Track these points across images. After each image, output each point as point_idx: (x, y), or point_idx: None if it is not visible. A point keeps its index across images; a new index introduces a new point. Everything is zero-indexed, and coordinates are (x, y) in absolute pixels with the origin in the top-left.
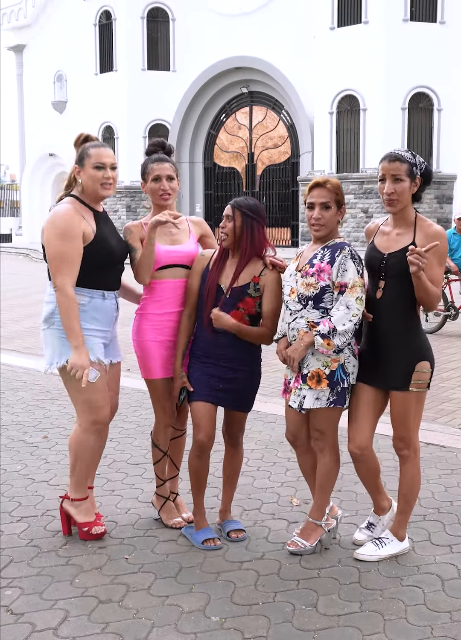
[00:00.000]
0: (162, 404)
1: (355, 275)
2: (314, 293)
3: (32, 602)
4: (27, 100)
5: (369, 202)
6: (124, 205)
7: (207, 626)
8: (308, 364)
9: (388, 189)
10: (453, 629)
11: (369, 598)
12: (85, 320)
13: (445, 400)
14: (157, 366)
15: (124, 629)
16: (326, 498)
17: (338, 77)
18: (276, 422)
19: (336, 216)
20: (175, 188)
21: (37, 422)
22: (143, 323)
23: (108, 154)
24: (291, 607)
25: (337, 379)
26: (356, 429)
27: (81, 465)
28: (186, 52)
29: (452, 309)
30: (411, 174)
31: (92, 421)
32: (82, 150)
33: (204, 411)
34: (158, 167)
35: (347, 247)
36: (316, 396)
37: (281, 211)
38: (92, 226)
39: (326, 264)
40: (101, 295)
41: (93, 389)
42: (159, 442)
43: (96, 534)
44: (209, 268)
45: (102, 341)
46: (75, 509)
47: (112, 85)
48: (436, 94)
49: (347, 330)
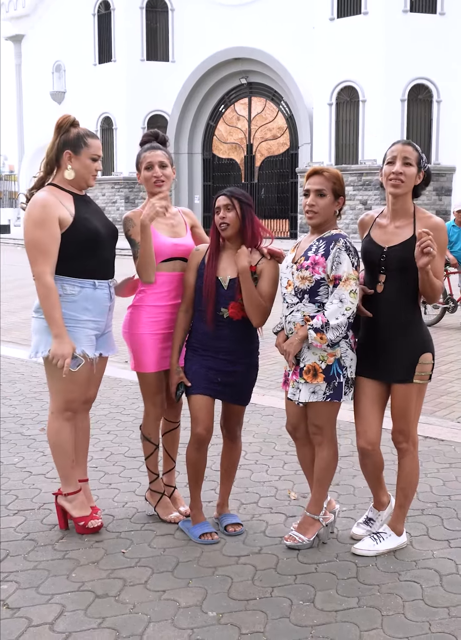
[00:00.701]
0: (153, 397)
1: (349, 268)
2: (309, 286)
3: (28, 597)
4: (26, 90)
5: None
6: (123, 197)
7: (204, 621)
8: (304, 358)
9: (398, 168)
10: (451, 624)
11: (367, 593)
12: (76, 311)
13: (444, 394)
14: (151, 359)
15: (120, 623)
16: (323, 492)
17: (337, 68)
18: (273, 415)
19: (333, 206)
20: (169, 175)
21: (35, 415)
22: (139, 315)
23: (100, 146)
24: (288, 603)
25: (333, 373)
26: (365, 424)
27: (61, 456)
28: (185, 42)
29: (451, 301)
30: (419, 164)
31: (61, 408)
32: (78, 137)
33: (202, 404)
34: (150, 154)
35: (342, 238)
36: (313, 390)
37: (280, 203)
38: (70, 210)
39: (321, 256)
40: (92, 284)
41: (72, 381)
42: (151, 435)
43: (92, 528)
44: (205, 263)
45: (93, 332)
46: (69, 503)
47: (111, 76)
48: (435, 85)
49: (340, 324)
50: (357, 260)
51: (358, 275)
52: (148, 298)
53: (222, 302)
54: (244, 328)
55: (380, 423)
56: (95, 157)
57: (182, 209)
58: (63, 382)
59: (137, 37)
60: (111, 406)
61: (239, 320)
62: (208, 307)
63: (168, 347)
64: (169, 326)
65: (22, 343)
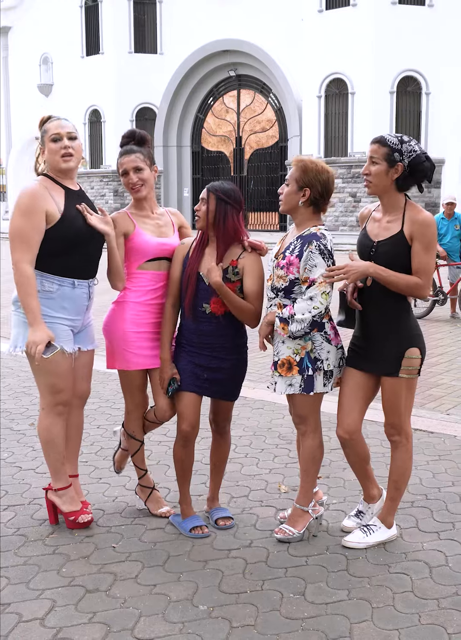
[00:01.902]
0: (135, 396)
1: (323, 271)
2: (283, 285)
3: (19, 592)
4: (13, 83)
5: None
6: (112, 190)
7: (195, 615)
8: (279, 352)
9: (364, 168)
10: (441, 616)
11: (357, 586)
12: (52, 308)
13: (433, 386)
14: (133, 357)
15: (111, 618)
16: (310, 483)
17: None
18: (263, 409)
19: (295, 195)
20: (146, 178)
21: (24, 409)
22: (123, 312)
23: (64, 124)
24: (279, 596)
25: (304, 366)
26: (344, 413)
27: (51, 452)
28: (174, 34)
29: (440, 294)
30: (389, 159)
31: (52, 403)
32: (41, 130)
33: (187, 401)
34: (124, 160)
35: (315, 240)
36: (289, 382)
37: (269, 195)
38: (60, 206)
39: (295, 257)
40: (71, 283)
41: (53, 373)
42: (135, 432)
43: (82, 523)
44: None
45: (69, 329)
46: (59, 498)
47: (99, 68)
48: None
49: (304, 320)
50: (332, 261)
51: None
52: (132, 294)
53: (203, 298)
54: (228, 323)
55: (361, 413)
56: (54, 136)
57: (169, 209)
58: (46, 375)
59: (125, 29)
60: (101, 400)
61: (223, 316)
62: (186, 301)
63: (151, 347)
64: (152, 325)
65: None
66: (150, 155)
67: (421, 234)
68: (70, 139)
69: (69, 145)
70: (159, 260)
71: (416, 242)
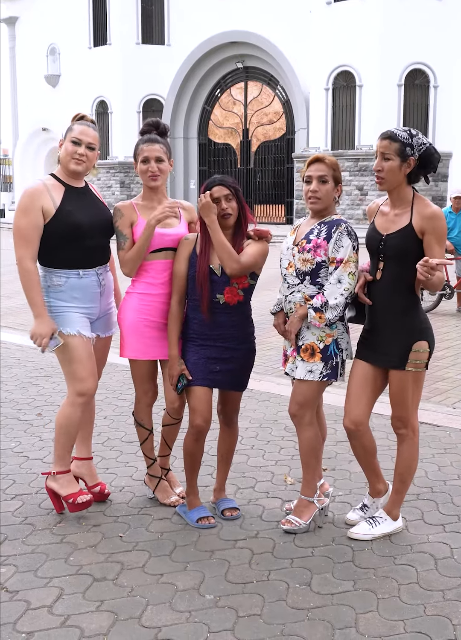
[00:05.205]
0: (145, 385)
1: (350, 251)
2: (310, 268)
3: (27, 580)
4: (20, 73)
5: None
6: (118, 181)
7: (202, 604)
8: (303, 337)
9: (375, 165)
10: (446, 607)
11: (363, 577)
12: (64, 300)
13: (439, 379)
14: (143, 347)
15: (118, 606)
16: (312, 473)
17: (334, 52)
18: (269, 401)
19: (333, 192)
20: (164, 170)
21: (31, 400)
22: (133, 303)
23: (89, 133)
24: (285, 586)
25: (331, 353)
26: (351, 404)
27: (65, 439)
28: (181, 25)
29: (447, 287)
30: (402, 154)
31: (76, 392)
32: (69, 126)
33: (201, 395)
34: (147, 148)
35: (343, 223)
36: (310, 369)
37: (276, 188)
38: (55, 202)
39: (323, 239)
40: (77, 274)
41: (75, 360)
42: (143, 421)
43: (81, 503)
44: (197, 252)
45: (85, 317)
46: (56, 482)
47: (106, 59)
48: (432, 70)
49: (338, 304)
50: (357, 244)
51: (357, 258)
52: (141, 285)
53: (217, 289)
54: (240, 313)
55: (368, 405)
56: (75, 139)
57: (183, 203)
58: (69, 363)
59: (133, 20)
60: (108, 391)
61: (235, 306)
62: (203, 296)
63: (161, 337)
64: (162, 315)
65: (18, 328)
66: (170, 148)
67: (432, 227)
68: (88, 148)
69: (83, 154)
70: (165, 250)
71: (429, 235)
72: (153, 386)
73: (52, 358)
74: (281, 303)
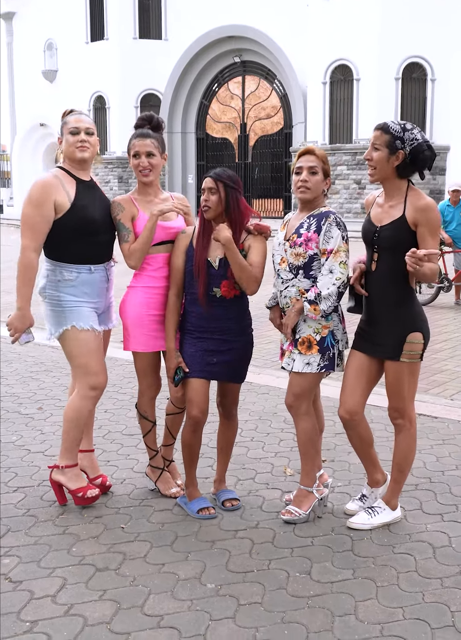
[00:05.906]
0: (149, 379)
1: (340, 241)
2: (303, 262)
3: (30, 570)
4: (17, 69)
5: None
6: (116, 176)
7: (203, 593)
8: (300, 330)
9: (365, 154)
10: (444, 594)
11: (362, 565)
12: (75, 295)
13: (437, 372)
14: (146, 340)
15: (121, 595)
16: (311, 463)
17: (331, 46)
18: (269, 394)
19: (322, 184)
20: (156, 164)
21: (32, 394)
22: (138, 297)
23: (83, 119)
24: (285, 575)
25: (328, 344)
26: (346, 394)
27: (74, 432)
28: (178, 20)
29: (445, 280)
30: (390, 146)
31: (89, 386)
32: (62, 122)
33: (198, 387)
34: (138, 143)
35: (332, 214)
36: (307, 361)
37: (274, 182)
38: (70, 196)
39: (313, 232)
40: (88, 269)
41: (86, 353)
42: (147, 413)
43: (91, 497)
44: (194, 246)
45: (94, 311)
46: (64, 476)
47: (103, 54)
48: (430, 64)
49: (331, 294)
50: (346, 233)
51: (347, 248)
52: (144, 279)
53: (214, 282)
54: (237, 306)
55: (364, 395)
56: (73, 130)
57: (174, 194)
58: (78, 357)
59: (130, 15)
60: (108, 385)
61: (232, 299)
62: (200, 289)
63: (163, 329)
64: (164, 308)
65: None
66: (163, 142)
67: (426, 219)
68: (87, 134)
69: (85, 139)
70: (166, 243)
71: (422, 227)
72: (157, 379)
73: (52, 352)
74: (276, 297)
